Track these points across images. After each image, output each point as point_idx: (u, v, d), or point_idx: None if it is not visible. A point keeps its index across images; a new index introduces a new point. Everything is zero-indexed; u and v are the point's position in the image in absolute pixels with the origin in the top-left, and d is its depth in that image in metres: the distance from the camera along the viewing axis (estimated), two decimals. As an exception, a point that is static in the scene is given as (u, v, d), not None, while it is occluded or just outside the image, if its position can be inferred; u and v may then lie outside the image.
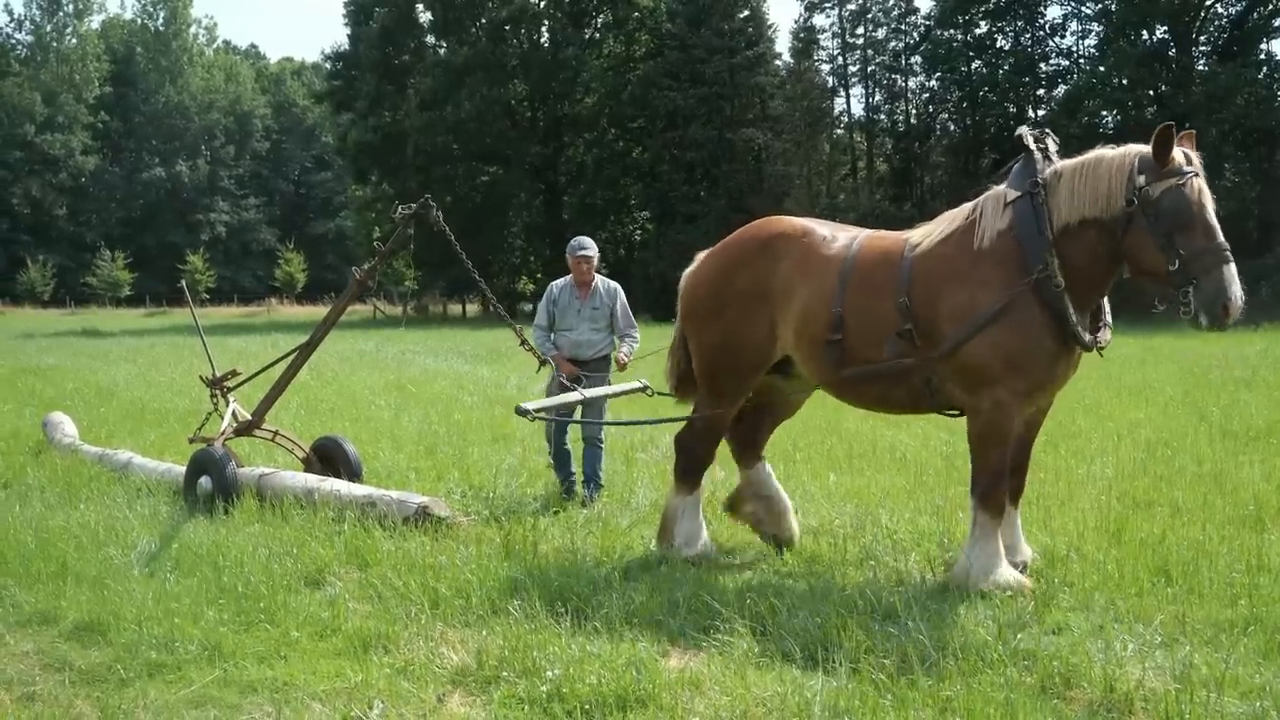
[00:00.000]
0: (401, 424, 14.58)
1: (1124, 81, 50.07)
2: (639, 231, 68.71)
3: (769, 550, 7.86)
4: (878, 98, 65.44)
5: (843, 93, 68.24)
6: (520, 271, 73.69)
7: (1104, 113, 52.02)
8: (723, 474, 9.79)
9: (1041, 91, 58.50)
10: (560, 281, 10.46)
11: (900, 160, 62.46)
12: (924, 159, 61.62)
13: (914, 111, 63.21)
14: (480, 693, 5.35)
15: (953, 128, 61.59)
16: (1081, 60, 56.83)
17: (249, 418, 10.42)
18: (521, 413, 8.06)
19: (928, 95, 62.49)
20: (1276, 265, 44.11)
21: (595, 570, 7.19)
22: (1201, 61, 51.31)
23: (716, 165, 61.71)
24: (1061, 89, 56.28)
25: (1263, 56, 50.63)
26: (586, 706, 5.03)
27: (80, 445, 12.33)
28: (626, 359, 10.06)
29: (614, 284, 10.44)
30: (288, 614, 6.38)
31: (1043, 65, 57.96)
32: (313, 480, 9.41)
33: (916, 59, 61.78)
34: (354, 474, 10.00)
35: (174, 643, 5.97)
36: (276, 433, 10.53)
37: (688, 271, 8.19)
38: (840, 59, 66.51)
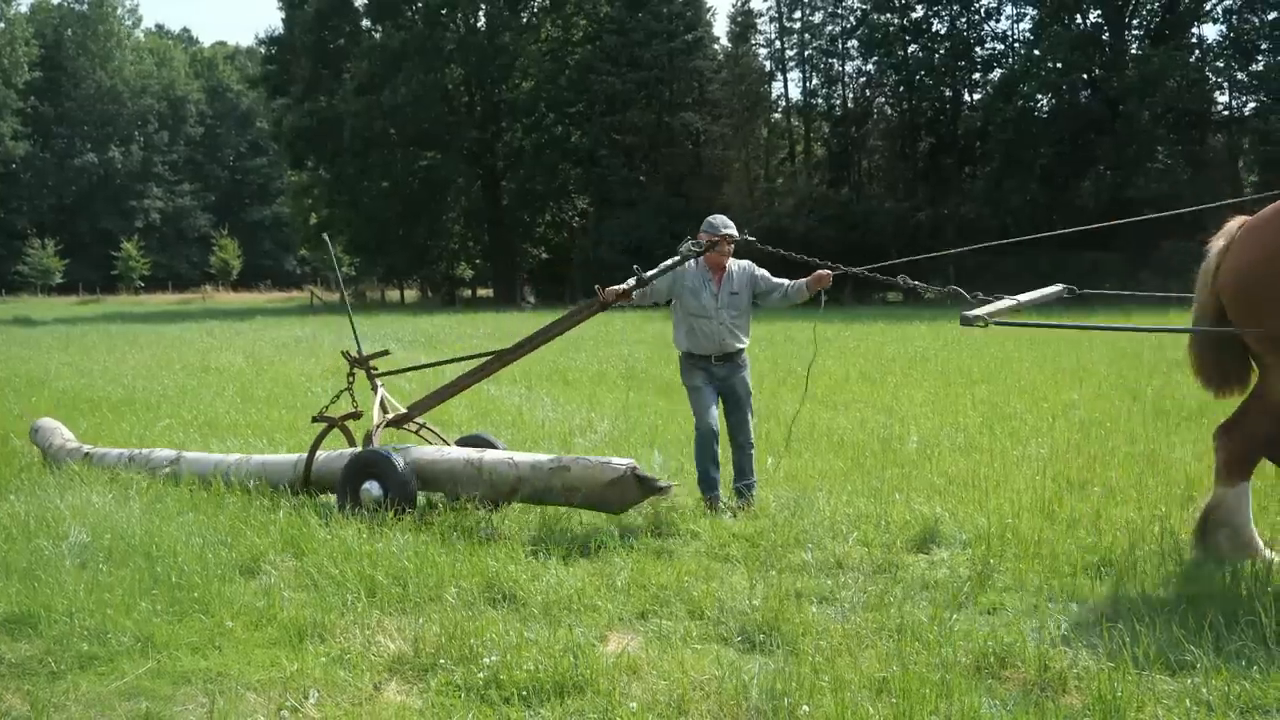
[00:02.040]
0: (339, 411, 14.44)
1: (1059, 65, 50.46)
2: (578, 217, 68.66)
3: (707, 534, 7.85)
4: (815, 82, 65.53)
5: (780, 77, 68.36)
6: (459, 257, 73.44)
7: (1039, 96, 52.45)
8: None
9: (977, 75, 58.97)
10: (692, 263, 9.05)
11: (838, 144, 62.62)
12: (861, 143, 61.82)
13: (851, 95, 63.36)
14: (417, 680, 5.31)
15: (889, 111, 61.84)
16: (1016, 44, 57.28)
17: (401, 409, 9.62)
18: (968, 321, 6.77)
19: (864, 79, 62.69)
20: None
21: (533, 555, 7.17)
22: (1134, 45, 51.82)
23: (655, 150, 61.92)
24: (997, 73, 56.69)
25: (1194, 40, 51.24)
26: (524, 693, 5.00)
27: (89, 449, 11.00)
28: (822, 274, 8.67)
29: (746, 262, 9.16)
30: (222, 604, 6.31)
31: (978, 49, 58.33)
32: (471, 453, 8.66)
33: (853, 43, 61.94)
34: None
35: (106, 634, 5.88)
36: (422, 426, 9.87)
37: (1235, 248, 6.74)
38: (778, 43, 66.56)
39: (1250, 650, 5.26)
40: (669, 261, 8.80)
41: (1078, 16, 51.82)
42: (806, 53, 64.97)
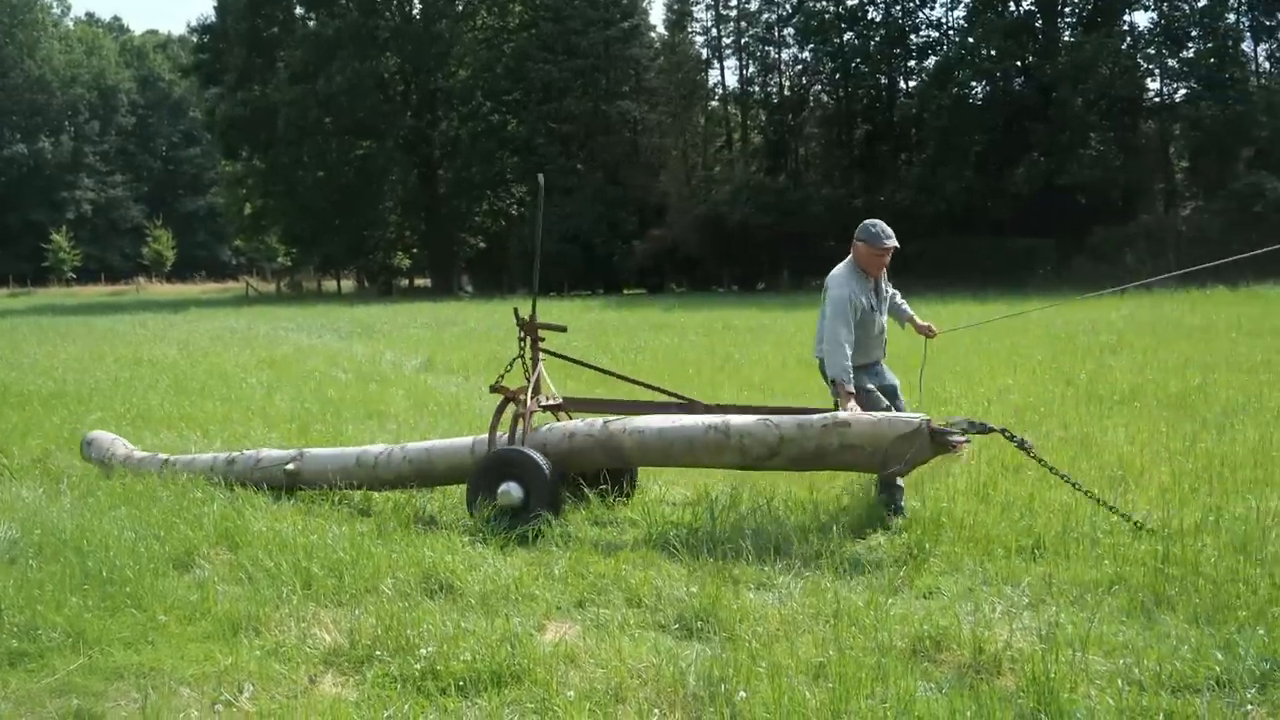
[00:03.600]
0: (274, 402, 14.35)
1: (992, 52, 50.89)
2: (516, 206, 68.44)
3: (645, 522, 7.85)
4: (751, 69, 65.74)
5: (717, 65, 68.57)
6: (396, 246, 73.07)
7: (973, 83, 52.85)
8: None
9: (913, 63, 59.29)
10: (849, 280, 8.09)
11: (774, 132, 62.81)
12: (798, 131, 62.03)
13: (787, 83, 63.58)
14: (353, 672, 5.27)
15: (826, 99, 62.05)
16: (951, 31, 57.59)
17: (555, 395, 8.79)
18: None
19: (801, 67, 62.90)
20: (1140, 232, 45.20)
21: (470, 545, 7.14)
22: (1067, 32, 52.32)
23: (592, 138, 61.93)
24: (932, 60, 57.00)
25: (1126, 27, 51.76)
26: (461, 683, 4.98)
27: (169, 457, 9.81)
28: (934, 327, 8.57)
29: None
30: (154, 598, 6.23)
31: (913, 37, 58.64)
32: (714, 418, 7.76)
33: (789, 30, 62.11)
34: (633, 478, 8.79)
35: (36, 630, 5.79)
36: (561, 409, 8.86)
37: None
38: (714, 31, 66.71)
39: (1182, 630, 5.33)
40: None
41: (1011, 4, 52.33)
42: (743, 40, 65.17)
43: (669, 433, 7.74)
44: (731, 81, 71.60)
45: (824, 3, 58.51)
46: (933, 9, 60.92)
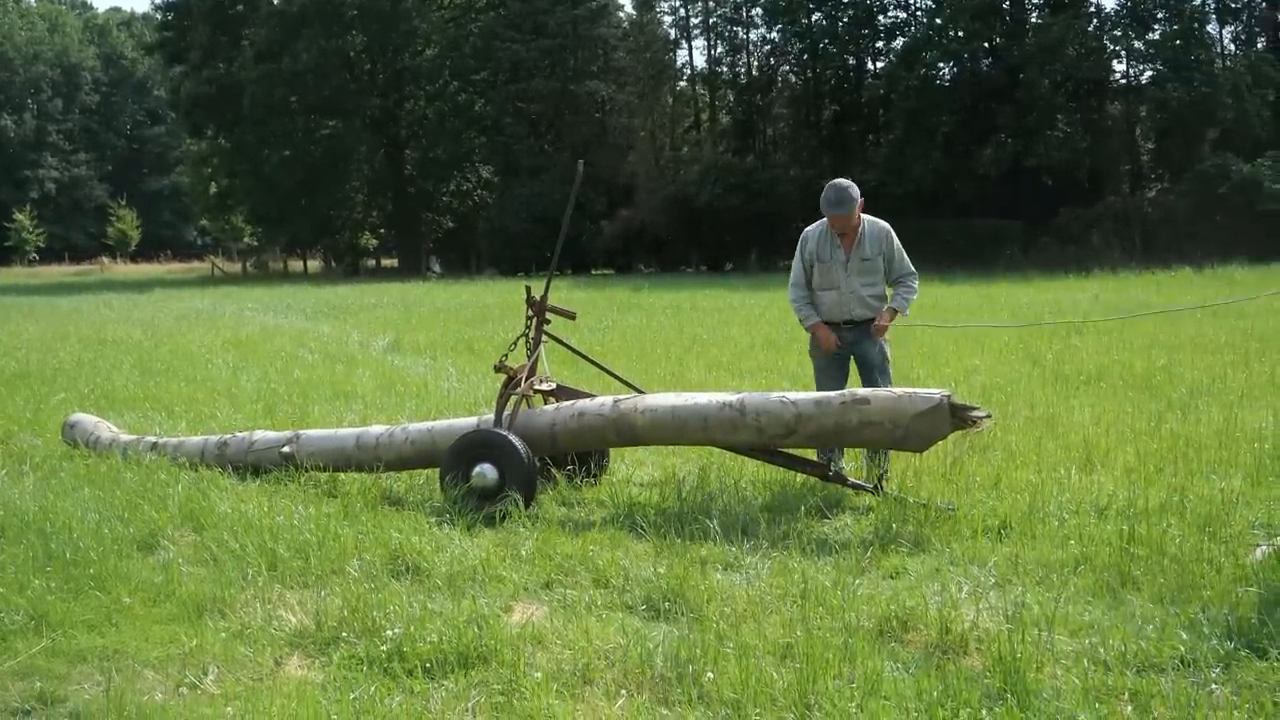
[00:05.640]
0: (240, 382, 14.27)
1: (960, 33, 50.91)
2: (480, 188, 68.18)
3: (610, 503, 7.84)
4: (719, 50, 65.66)
5: (685, 45, 68.33)
6: (362, 226, 72.71)
7: (941, 64, 52.84)
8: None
9: (881, 44, 59.19)
10: (814, 229, 8.52)
11: (743, 112, 62.71)
12: (766, 111, 61.96)
13: (755, 64, 63.48)
14: (319, 654, 5.24)
15: (794, 79, 61.94)
16: (919, 13, 57.52)
17: (549, 379, 8.60)
18: None
19: (769, 47, 62.75)
20: (1107, 213, 45.40)
21: (437, 526, 7.11)
22: (1034, 14, 52.40)
23: (560, 118, 61.72)
24: (900, 41, 56.92)
25: (1092, 9, 51.87)
26: (427, 665, 4.96)
27: (157, 440, 9.60)
28: (889, 322, 8.47)
29: (883, 224, 8.56)
30: (119, 580, 6.18)
31: (881, 17, 58.54)
32: (728, 396, 7.68)
33: (758, 11, 61.97)
34: (603, 459, 8.72)
35: (-2, 613, 5.76)
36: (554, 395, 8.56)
37: None
38: (682, 11, 66.50)
39: (1147, 610, 5.36)
40: None
41: (979, -15, 52.31)
42: (711, 20, 65.03)
43: (682, 411, 7.63)
44: (700, 62, 71.52)
45: (792, -17, 58.38)
46: (900, -11, 61.00)
